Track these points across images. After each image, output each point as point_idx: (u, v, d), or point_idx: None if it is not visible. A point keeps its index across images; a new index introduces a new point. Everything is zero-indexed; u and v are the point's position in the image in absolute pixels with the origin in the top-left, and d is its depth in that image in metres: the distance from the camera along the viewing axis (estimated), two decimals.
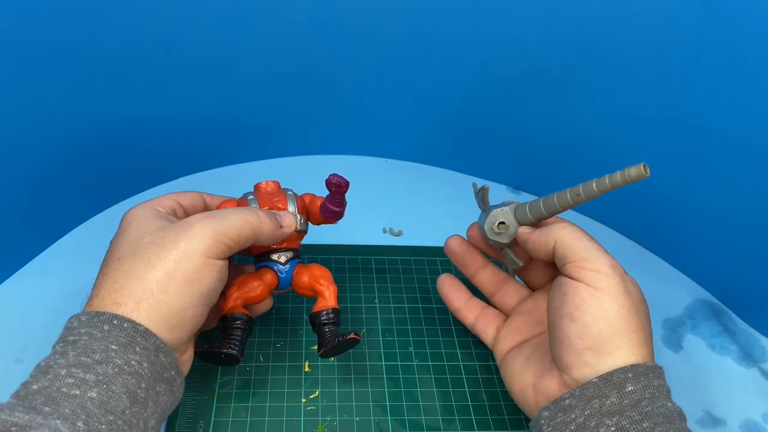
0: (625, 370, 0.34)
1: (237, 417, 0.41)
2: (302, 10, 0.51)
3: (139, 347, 0.32)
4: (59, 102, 0.47)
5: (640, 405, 0.34)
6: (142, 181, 0.57)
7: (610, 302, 0.36)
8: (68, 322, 0.34)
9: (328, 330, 0.39)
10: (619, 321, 0.35)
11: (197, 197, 0.42)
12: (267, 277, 0.41)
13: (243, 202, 0.41)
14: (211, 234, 0.35)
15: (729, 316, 0.52)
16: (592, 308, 0.36)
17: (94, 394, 0.30)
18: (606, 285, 0.36)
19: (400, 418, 0.42)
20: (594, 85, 0.52)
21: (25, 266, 0.49)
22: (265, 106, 0.57)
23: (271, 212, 0.39)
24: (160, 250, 0.34)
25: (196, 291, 0.35)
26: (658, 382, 0.35)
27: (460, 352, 0.46)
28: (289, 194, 0.42)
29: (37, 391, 0.30)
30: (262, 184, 0.42)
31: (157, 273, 0.34)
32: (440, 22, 0.52)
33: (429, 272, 0.52)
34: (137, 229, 0.36)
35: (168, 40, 0.50)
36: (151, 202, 0.39)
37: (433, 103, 0.58)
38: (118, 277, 0.34)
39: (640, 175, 0.37)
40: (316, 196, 0.43)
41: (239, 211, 0.38)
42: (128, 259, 0.34)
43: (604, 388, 0.34)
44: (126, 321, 0.32)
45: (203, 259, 0.35)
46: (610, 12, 0.47)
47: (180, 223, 0.36)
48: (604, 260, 0.37)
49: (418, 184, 0.61)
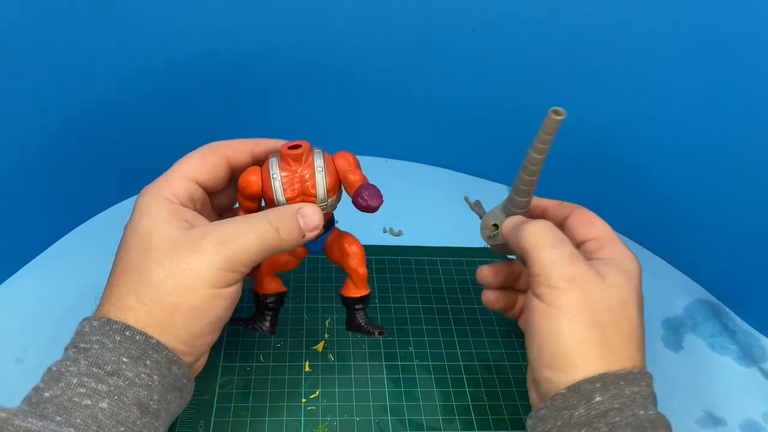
0: (593, 381, 0.34)
1: (237, 417, 0.41)
2: (302, 9, 0.51)
3: (150, 360, 0.31)
4: (60, 101, 0.47)
5: (608, 415, 0.33)
6: (143, 180, 0.56)
7: (566, 320, 0.35)
8: (80, 325, 0.33)
9: (358, 314, 0.40)
10: (574, 337, 0.35)
11: (220, 166, 0.37)
12: (298, 251, 0.39)
13: (266, 178, 0.36)
14: (222, 264, 0.33)
15: (729, 316, 0.52)
16: (547, 326, 0.35)
17: (105, 405, 0.29)
18: (563, 302, 0.35)
19: (400, 418, 0.42)
20: (594, 86, 0.52)
21: (25, 266, 0.49)
22: (265, 106, 0.57)
23: (294, 212, 0.35)
24: (167, 276, 0.32)
25: (204, 322, 0.33)
26: (631, 389, 0.34)
27: (460, 352, 0.46)
28: (318, 167, 0.36)
29: (49, 399, 0.29)
30: (289, 151, 0.35)
31: (163, 302, 0.32)
32: (440, 22, 0.52)
33: (429, 272, 0.52)
34: (146, 234, 0.34)
35: (169, 40, 0.50)
36: (166, 188, 0.36)
37: (433, 103, 0.58)
38: (122, 293, 0.32)
39: (554, 121, 0.36)
40: (349, 169, 0.37)
41: (255, 229, 0.34)
42: (134, 274, 0.33)
43: (572, 399, 0.34)
44: (138, 333, 0.31)
45: (211, 291, 0.33)
46: (611, 12, 0.47)
47: (191, 242, 0.33)
48: (563, 273, 0.35)
49: (418, 184, 0.61)
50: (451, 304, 0.50)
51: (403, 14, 0.52)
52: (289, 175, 0.36)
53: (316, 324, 0.47)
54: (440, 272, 0.52)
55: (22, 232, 0.48)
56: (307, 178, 0.36)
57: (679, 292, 0.54)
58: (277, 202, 0.36)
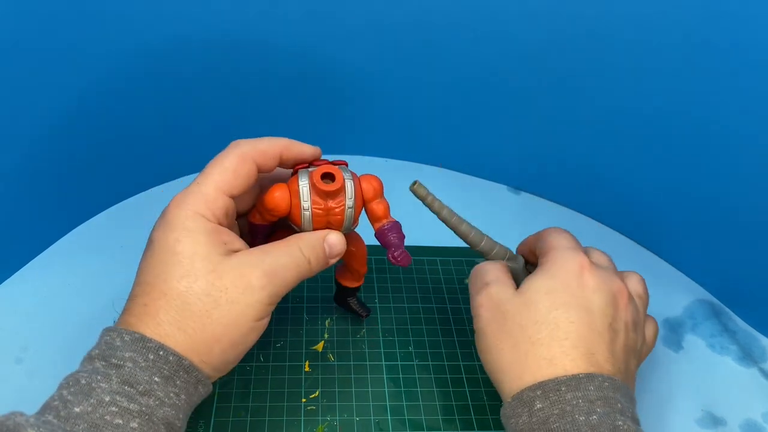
0: (533, 388, 0.34)
1: (237, 417, 0.41)
2: (302, 9, 0.51)
3: (180, 380, 0.32)
4: (60, 101, 0.47)
5: (548, 422, 0.33)
6: (143, 180, 0.57)
7: (486, 341, 0.38)
8: (108, 335, 0.32)
9: (349, 299, 0.45)
10: (502, 357, 0.37)
11: (252, 176, 0.36)
12: None
13: (296, 204, 0.35)
14: (267, 299, 0.33)
15: (729, 316, 0.52)
16: (479, 345, 0.39)
17: (135, 424, 0.29)
18: (478, 326, 0.39)
19: (400, 418, 0.42)
20: (594, 85, 0.52)
21: (25, 266, 0.49)
22: (266, 105, 0.57)
23: (321, 241, 0.36)
24: (213, 309, 0.32)
25: (238, 351, 0.34)
26: (573, 394, 0.33)
27: (460, 352, 0.46)
28: (349, 205, 0.36)
29: (80, 415, 0.29)
30: (323, 185, 0.35)
31: (205, 333, 0.32)
32: (440, 22, 0.52)
33: (429, 272, 0.52)
34: (188, 260, 0.32)
35: (169, 39, 0.50)
36: (203, 204, 0.34)
37: (433, 103, 0.58)
38: (162, 318, 0.32)
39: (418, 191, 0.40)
40: (374, 199, 0.38)
41: (295, 262, 0.35)
42: (176, 302, 0.32)
43: (516, 407, 0.35)
44: (172, 354, 0.31)
45: (253, 324, 0.33)
46: (611, 12, 0.47)
47: (238, 275, 0.33)
48: (478, 295, 0.39)
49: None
50: (451, 304, 0.50)
51: (403, 14, 0.52)
52: (319, 207, 0.35)
53: (316, 324, 0.47)
54: (440, 272, 0.52)
55: (22, 232, 0.48)
56: (337, 212, 0.36)
57: (679, 292, 0.54)
58: (303, 229, 0.36)
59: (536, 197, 0.61)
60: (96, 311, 0.46)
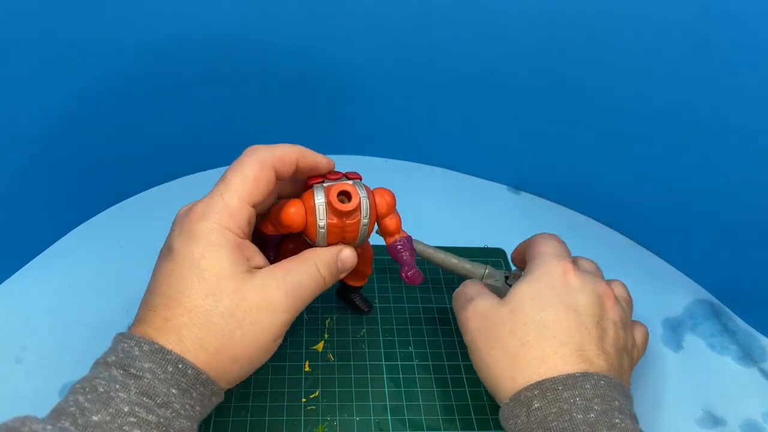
0: (531, 388, 0.35)
1: (237, 417, 0.41)
2: (302, 9, 0.51)
3: (196, 393, 0.32)
4: (60, 101, 0.47)
5: (546, 421, 0.33)
6: (143, 180, 0.57)
7: (477, 351, 0.39)
8: (126, 343, 0.32)
9: (352, 295, 0.46)
10: (495, 364, 0.37)
11: (272, 185, 0.35)
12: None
13: (311, 221, 0.35)
14: (288, 320, 0.34)
15: (729, 316, 0.52)
16: (472, 357, 0.40)
17: None
18: (468, 339, 0.40)
19: (400, 418, 0.42)
20: (594, 85, 0.52)
21: (25, 266, 0.49)
22: (266, 105, 0.57)
23: (335, 257, 0.36)
24: (236, 329, 0.32)
25: (255, 367, 0.34)
26: (570, 393, 0.34)
27: (460, 352, 0.46)
28: (364, 223, 0.36)
29: (98, 424, 0.29)
30: (339, 205, 0.35)
31: (226, 351, 0.32)
32: (440, 22, 0.52)
33: (429, 272, 0.52)
34: (213, 276, 0.32)
35: (169, 39, 0.50)
36: (227, 216, 0.33)
37: (433, 103, 0.58)
38: (185, 337, 0.32)
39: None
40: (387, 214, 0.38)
41: (313, 279, 0.35)
42: (199, 319, 0.32)
43: (514, 408, 0.35)
44: (190, 368, 0.31)
45: (272, 344, 0.34)
46: (611, 12, 0.47)
47: (262, 297, 0.33)
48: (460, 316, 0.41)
49: (419, 184, 0.61)
50: (451, 304, 0.50)
51: (403, 14, 0.52)
52: (334, 225, 0.35)
53: (316, 324, 0.47)
54: (440, 272, 0.52)
55: (23, 232, 0.48)
56: (351, 230, 0.36)
57: (679, 292, 0.54)
58: (317, 244, 0.36)
59: (536, 197, 0.61)
60: (96, 311, 0.46)
